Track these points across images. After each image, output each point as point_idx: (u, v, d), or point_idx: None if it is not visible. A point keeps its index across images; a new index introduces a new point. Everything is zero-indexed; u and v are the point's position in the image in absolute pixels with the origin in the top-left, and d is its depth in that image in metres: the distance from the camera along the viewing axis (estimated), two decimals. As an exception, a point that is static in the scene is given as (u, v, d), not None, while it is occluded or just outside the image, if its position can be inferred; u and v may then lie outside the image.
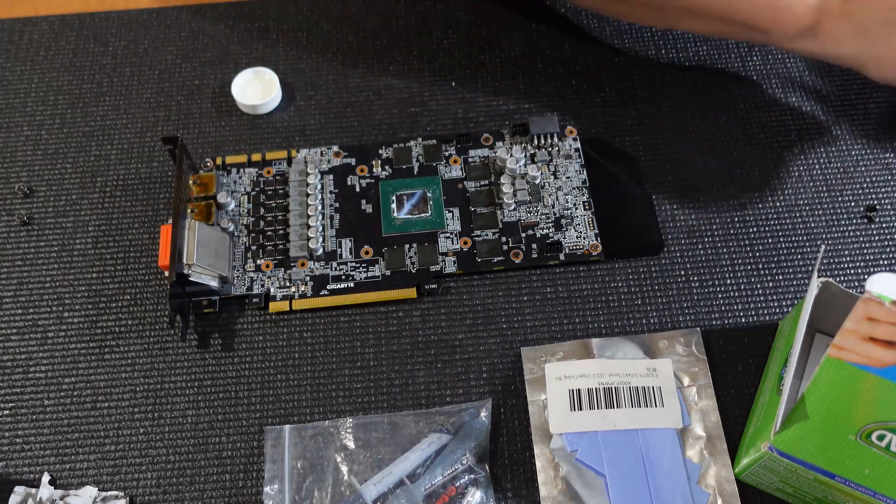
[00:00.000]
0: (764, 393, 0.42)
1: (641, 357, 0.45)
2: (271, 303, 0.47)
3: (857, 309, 0.33)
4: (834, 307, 0.40)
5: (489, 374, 0.45)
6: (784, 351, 0.42)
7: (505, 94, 0.54)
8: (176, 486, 0.43)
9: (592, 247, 0.48)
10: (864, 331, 0.33)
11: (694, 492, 0.41)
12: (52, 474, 0.43)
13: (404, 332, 0.47)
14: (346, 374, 0.46)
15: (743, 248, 0.49)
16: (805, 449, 0.36)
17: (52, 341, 0.47)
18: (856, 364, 0.33)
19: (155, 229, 0.50)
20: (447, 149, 0.52)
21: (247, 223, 0.49)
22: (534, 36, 0.56)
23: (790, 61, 0.55)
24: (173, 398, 0.45)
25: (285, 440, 0.43)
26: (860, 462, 0.35)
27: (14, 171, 0.52)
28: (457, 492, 0.42)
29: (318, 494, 0.42)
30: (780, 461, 0.37)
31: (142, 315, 0.47)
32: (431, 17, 0.57)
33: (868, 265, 0.48)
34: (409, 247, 0.48)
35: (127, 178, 0.52)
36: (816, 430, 0.36)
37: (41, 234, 0.50)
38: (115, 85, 0.55)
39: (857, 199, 0.50)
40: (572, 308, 0.47)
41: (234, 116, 0.54)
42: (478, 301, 0.47)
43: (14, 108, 0.55)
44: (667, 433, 0.42)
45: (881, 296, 0.32)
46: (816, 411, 0.35)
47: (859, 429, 0.35)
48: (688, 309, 0.47)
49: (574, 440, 0.42)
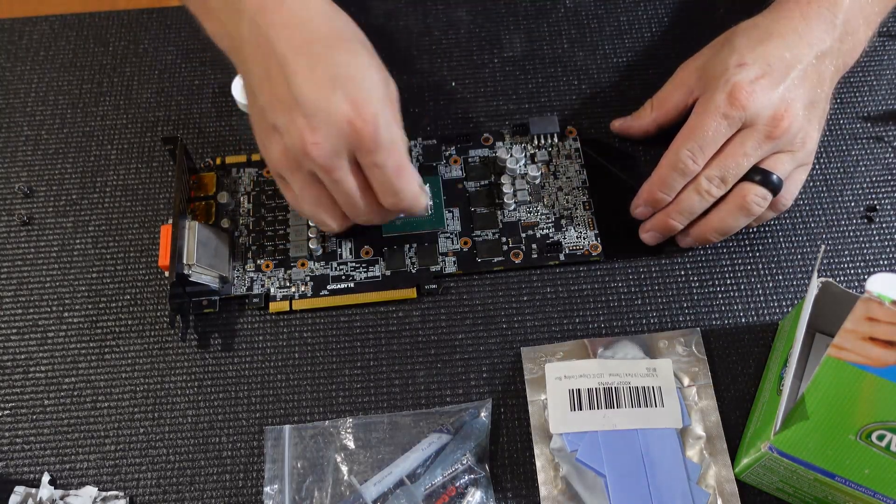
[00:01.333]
0: (764, 393, 0.42)
1: (641, 357, 0.45)
2: (271, 303, 0.47)
3: (858, 309, 0.33)
4: (834, 307, 0.40)
5: (489, 374, 0.45)
6: (784, 351, 0.42)
7: (505, 94, 0.54)
8: (176, 486, 0.43)
9: (592, 247, 0.48)
10: (864, 331, 0.33)
11: (694, 492, 0.41)
12: (52, 474, 0.43)
13: (404, 332, 0.47)
14: (346, 374, 0.46)
15: (743, 248, 0.49)
16: (805, 449, 0.36)
17: (52, 341, 0.47)
18: (856, 364, 0.33)
19: (155, 229, 0.50)
20: (447, 149, 0.52)
21: (247, 223, 0.49)
22: (534, 36, 0.56)
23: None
24: (173, 398, 0.45)
25: (285, 440, 0.43)
26: (860, 462, 0.35)
27: (14, 171, 0.52)
28: (457, 492, 0.42)
29: (318, 494, 0.42)
30: (780, 461, 0.37)
31: (142, 315, 0.47)
32: (431, 17, 0.57)
33: (868, 265, 0.48)
34: (409, 247, 0.48)
35: (127, 178, 0.52)
36: (816, 430, 0.36)
37: (41, 234, 0.50)
38: (115, 85, 0.55)
39: (857, 199, 0.50)
40: (572, 308, 0.47)
41: (234, 116, 0.54)
42: (478, 301, 0.47)
43: (14, 108, 0.55)
44: (667, 433, 0.42)
45: (881, 296, 0.32)
46: (816, 411, 0.35)
47: (859, 429, 0.35)
48: (688, 309, 0.47)
49: (574, 440, 0.42)
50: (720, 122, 0.42)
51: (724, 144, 0.42)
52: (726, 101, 0.42)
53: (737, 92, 0.41)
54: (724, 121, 0.42)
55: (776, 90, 0.42)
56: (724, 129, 0.42)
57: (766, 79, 0.42)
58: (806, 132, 0.43)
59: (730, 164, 0.42)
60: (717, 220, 0.44)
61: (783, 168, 0.43)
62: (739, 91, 0.41)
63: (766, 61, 0.42)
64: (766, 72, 0.42)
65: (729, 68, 0.42)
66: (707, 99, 0.43)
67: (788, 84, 0.42)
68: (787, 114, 0.42)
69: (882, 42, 0.55)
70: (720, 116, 0.42)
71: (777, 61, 0.42)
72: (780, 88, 0.42)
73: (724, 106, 0.42)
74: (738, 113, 0.42)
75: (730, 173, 0.42)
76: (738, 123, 0.42)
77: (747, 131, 0.42)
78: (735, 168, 0.42)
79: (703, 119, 0.42)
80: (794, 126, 0.42)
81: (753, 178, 0.43)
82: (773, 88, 0.42)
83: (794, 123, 0.42)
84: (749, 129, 0.42)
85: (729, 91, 0.42)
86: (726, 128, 0.42)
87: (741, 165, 0.42)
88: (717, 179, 0.43)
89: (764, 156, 0.43)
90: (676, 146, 0.43)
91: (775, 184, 0.43)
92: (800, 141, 0.43)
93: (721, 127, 0.42)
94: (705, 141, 0.42)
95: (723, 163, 0.42)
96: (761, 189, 0.43)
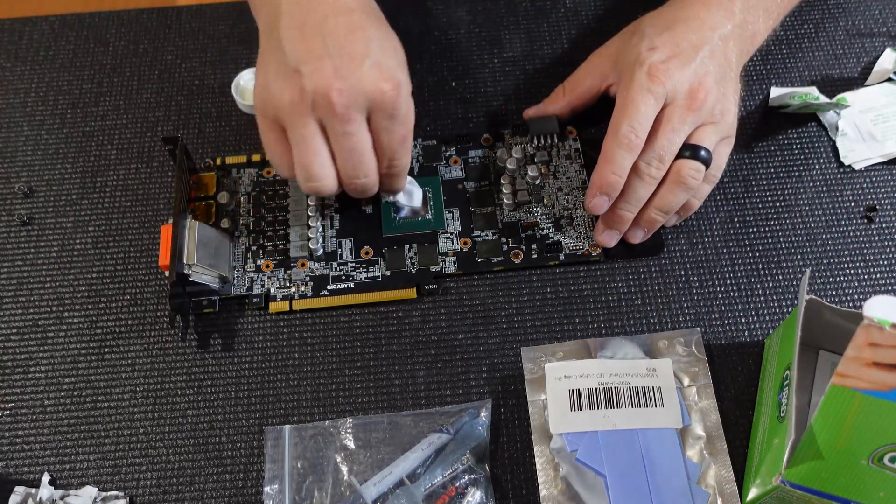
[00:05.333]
0: (762, 418, 0.42)
1: (641, 357, 0.45)
2: (271, 303, 0.47)
3: (858, 336, 0.32)
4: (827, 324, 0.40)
5: (489, 374, 0.45)
6: (777, 374, 0.41)
7: (505, 94, 0.54)
8: (176, 486, 0.43)
9: (592, 247, 0.48)
10: (867, 356, 0.32)
11: (694, 492, 0.41)
12: (52, 474, 0.43)
13: (404, 332, 0.47)
14: (346, 374, 0.46)
15: (743, 248, 0.49)
16: (818, 479, 0.36)
17: (52, 341, 0.47)
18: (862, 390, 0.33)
19: (155, 229, 0.50)
20: (447, 149, 0.52)
21: (247, 223, 0.49)
22: (534, 36, 0.56)
23: (790, 61, 0.55)
24: (173, 398, 0.45)
25: (285, 440, 0.43)
26: (874, 486, 0.35)
27: (14, 171, 0.52)
28: (457, 492, 0.42)
29: (318, 494, 0.42)
30: (793, 493, 0.37)
31: (142, 315, 0.47)
32: (431, 17, 0.57)
33: (868, 265, 0.48)
34: (409, 247, 0.48)
35: (127, 178, 0.52)
36: (828, 459, 0.35)
37: (41, 234, 0.50)
38: (115, 85, 0.55)
39: (857, 199, 0.50)
40: (572, 308, 0.47)
41: (234, 116, 0.54)
42: (478, 301, 0.47)
43: (14, 108, 0.55)
44: (667, 433, 0.42)
45: (881, 321, 0.32)
46: (826, 440, 0.35)
47: (871, 453, 0.34)
48: (688, 309, 0.47)
49: (574, 440, 0.42)
50: (647, 97, 0.44)
51: (654, 125, 0.45)
52: (647, 78, 0.44)
53: (654, 70, 0.44)
54: (650, 95, 0.44)
55: (689, 67, 0.45)
56: (653, 104, 0.44)
57: (677, 58, 0.45)
58: (723, 105, 0.46)
59: (662, 142, 0.44)
60: (658, 199, 0.46)
61: (709, 140, 0.46)
62: (656, 69, 0.44)
63: (674, 43, 0.45)
64: (676, 52, 0.45)
65: (641, 52, 0.45)
66: (628, 79, 0.45)
67: (699, 62, 0.45)
68: (701, 87, 0.45)
69: (883, 42, 0.55)
70: (646, 92, 0.44)
71: (685, 43, 0.45)
72: (692, 66, 0.45)
73: (646, 82, 0.44)
74: (659, 88, 0.44)
75: (665, 151, 0.45)
76: (662, 99, 0.45)
77: (670, 108, 0.45)
78: (668, 145, 0.45)
79: (632, 96, 0.44)
80: (711, 97, 0.45)
81: (685, 154, 0.45)
82: (686, 66, 0.45)
83: (710, 95, 0.45)
84: (670, 105, 0.45)
85: (647, 70, 0.44)
86: (654, 102, 0.44)
87: (673, 142, 0.45)
88: (655, 161, 0.45)
89: (690, 130, 0.45)
90: (616, 126, 0.45)
91: (704, 157, 0.45)
92: (719, 112, 0.45)
93: (650, 101, 0.44)
94: (639, 115, 0.44)
95: (656, 143, 0.45)
96: (694, 163, 0.45)
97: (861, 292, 0.47)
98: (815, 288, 0.47)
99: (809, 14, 0.57)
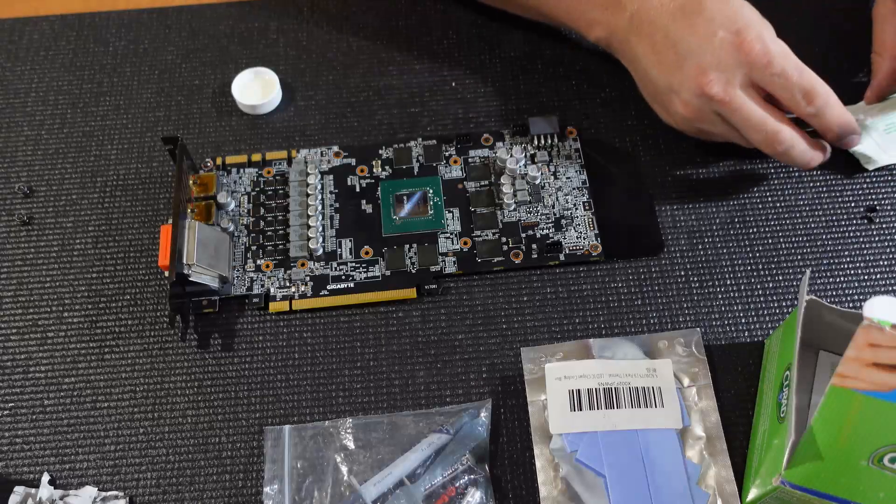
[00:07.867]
0: (762, 419, 0.42)
1: (641, 357, 0.45)
2: (271, 303, 0.47)
3: (858, 337, 0.32)
4: (827, 324, 0.40)
5: (489, 374, 0.45)
6: (777, 374, 0.41)
7: (505, 94, 0.54)
8: (176, 486, 0.43)
9: (592, 247, 0.48)
10: (867, 357, 0.32)
11: (694, 492, 0.41)
12: (52, 474, 0.43)
13: (404, 332, 0.47)
14: (346, 374, 0.46)
15: (743, 248, 0.49)
16: (818, 479, 0.36)
17: (52, 341, 0.47)
18: (862, 391, 0.33)
19: (155, 229, 0.50)
20: (447, 149, 0.52)
21: (247, 223, 0.49)
22: (534, 36, 0.56)
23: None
24: (173, 398, 0.45)
25: (285, 440, 0.43)
26: (875, 486, 0.35)
27: (14, 171, 0.52)
28: (457, 492, 0.42)
29: (318, 494, 0.42)
30: (793, 493, 0.37)
31: (142, 315, 0.47)
32: (431, 17, 0.57)
33: (868, 265, 0.48)
34: (409, 247, 0.48)
35: (127, 178, 0.52)
36: (828, 460, 0.35)
37: (41, 234, 0.50)
38: (115, 85, 0.55)
39: (857, 199, 0.50)
40: (572, 308, 0.47)
41: (234, 116, 0.54)
42: (478, 301, 0.47)
43: (14, 108, 0.55)
44: (667, 433, 0.42)
45: (881, 321, 0.32)
46: (826, 441, 0.35)
47: (871, 453, 0.34)
48: (688, 309, 0.47)
49: (574, 440, 0.42)
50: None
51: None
52: None
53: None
54: None
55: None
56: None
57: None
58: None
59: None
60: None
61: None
62: None
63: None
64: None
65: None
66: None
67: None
68: None
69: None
70: None
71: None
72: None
73: None
74: None
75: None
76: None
77: None
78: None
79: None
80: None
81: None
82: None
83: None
84: None
85: None
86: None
87: None
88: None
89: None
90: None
91: None
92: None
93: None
94: None
95: None
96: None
97: (861, 293, 0.47)
98: (815, 288, 0.47)
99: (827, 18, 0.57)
